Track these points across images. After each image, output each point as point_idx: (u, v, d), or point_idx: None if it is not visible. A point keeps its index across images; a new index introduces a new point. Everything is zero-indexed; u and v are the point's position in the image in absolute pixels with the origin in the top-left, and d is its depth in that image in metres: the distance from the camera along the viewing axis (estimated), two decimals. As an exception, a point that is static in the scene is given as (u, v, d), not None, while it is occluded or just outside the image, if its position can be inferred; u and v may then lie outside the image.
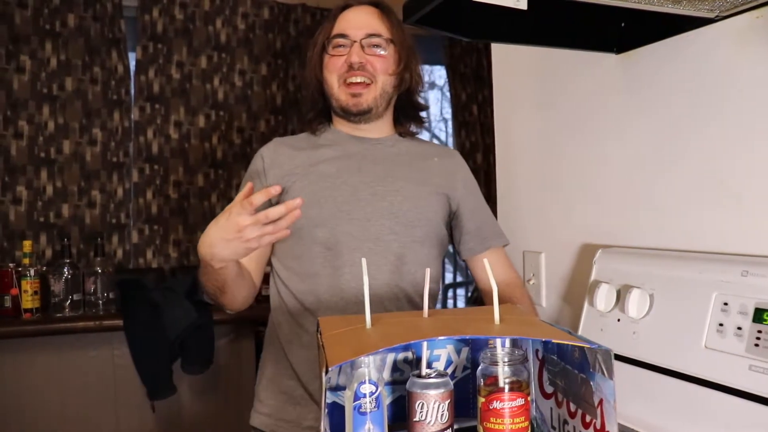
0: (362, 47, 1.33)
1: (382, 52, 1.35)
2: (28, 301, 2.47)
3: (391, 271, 1.31)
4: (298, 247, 1.32)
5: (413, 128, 1.48)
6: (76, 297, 2.54)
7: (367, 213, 1.31)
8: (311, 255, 1.31)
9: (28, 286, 2.47)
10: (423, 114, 1.48)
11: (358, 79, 1.33)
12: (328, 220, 1.30)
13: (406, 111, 1.45)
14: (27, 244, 2.58)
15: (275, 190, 1.06)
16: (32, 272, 2.49)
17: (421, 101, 1.46)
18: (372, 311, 0.87)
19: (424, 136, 1.59)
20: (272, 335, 1.39)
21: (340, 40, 1.35)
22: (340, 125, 1.42)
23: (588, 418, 0.83)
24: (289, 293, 1.34)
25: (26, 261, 2.53)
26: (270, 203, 1.25)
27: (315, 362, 1.28)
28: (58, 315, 2.49)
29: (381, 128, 1.42)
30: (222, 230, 1.07)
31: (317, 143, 1.41)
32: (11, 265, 2.53)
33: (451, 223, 1.44)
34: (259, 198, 1.02)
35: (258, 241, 1.06)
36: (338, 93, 1.35)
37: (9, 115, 2.91)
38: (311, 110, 1.44)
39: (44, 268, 2.64)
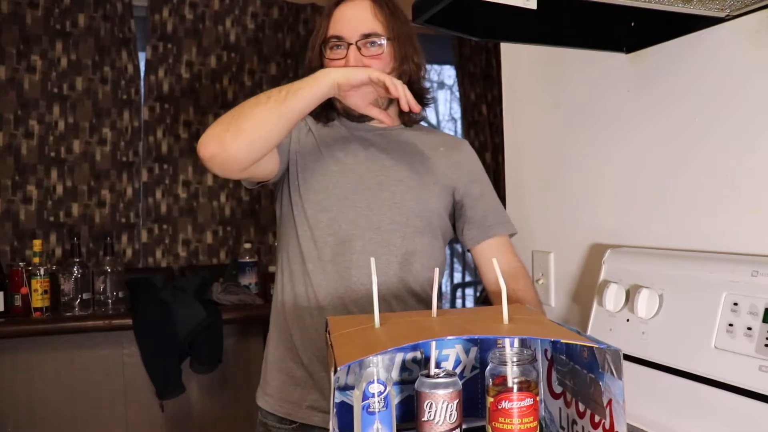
0: (359, 48, 1.31)
1: (380, 52, 1.33)
2: (38, 300, 2.48)
3: (391, 261, 1.32)
4: (302, 229, 1.34)
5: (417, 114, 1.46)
6: (85, 296, 2.56)
7: (370, 202, 1.33)
8: (313, 239, 1.33)
9: (38, 285, 2.49)
10: (427, 96, 1.45)
11: None
12: (334, 206, 1.32)
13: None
14: (37, 244, 2.60)
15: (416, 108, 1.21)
16: (42, 271, 2.50)
17: (424, 86, 1.43)
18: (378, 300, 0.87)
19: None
20: (278, 316, 1.40)
21: (336, 42, 1.33)
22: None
23: (597, 418, 0.83)
24: (291, 275, 1.36)
25: (36, 260, 2.54)
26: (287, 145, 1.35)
27: (315, 344, 1.31)
28: (68, 314, 2.51)
29: (386, 121, 1.40)
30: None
31: (327, 126, 1.42)
32: (21, 264, 2.54)
33: (455, 214, 1.44)
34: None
35: (372, 73, 1.17)
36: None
37: (20, 115, 2.93)
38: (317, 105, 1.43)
39: (54, 267, 2.66)
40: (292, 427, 1.34)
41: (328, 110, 1.41)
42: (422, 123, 1.52)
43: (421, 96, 1.43)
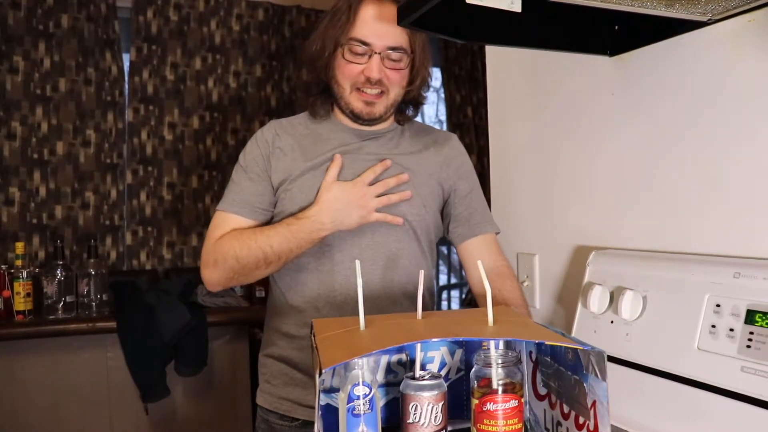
0: (382, 59, 1.29)
1: (401, 65, 1.31)
2: (21, 303, 2.46)
3: (387, 266, 1.33)
4: None
5: (411, 111, 1.46)
6: (69, 299, 2.54)
7: None
8: (309, 258, 1.33)
9: (21, 287, 2.46)
10: (423, 96, 1.45)
11: (374, 92, 1.31)
12: None
13: (407, 102, 1.43)
14: (20, 246, 2.57)
15: (405, 177, 1.32)
16: (25, 274, 2.47)
17: (426, 94, 1.44)
18: (368, 307, 0.87)
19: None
20: (273, 319, 1.40)
21: (360, 48, 1.28)
22: (342, 116, 1.40)
23: (581, 420, 0.83)
24: (288, 279, 1.36)
25: (19, 263, 2.52)
26: (271, 193, 1.35)
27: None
28: (51, 317, 2.49)
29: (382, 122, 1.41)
30: (349, 194, 1.26)
31: (317, 132, 1.39)
32: (3, 266, 2.52)
33: (443, 211, 1.44)
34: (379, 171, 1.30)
35: (370, 210, 1.27)
36: (350, 98, 1.33)
37: (2, 116, 2.90)
38: (314, 93, 1.40)
39: (37, 270, 2.63)
40: (295, 425, 1.34)
41: (324, 106, 1.41)
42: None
43: (419, 100, 1.44)
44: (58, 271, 2.52)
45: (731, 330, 0.92)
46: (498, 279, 1.35)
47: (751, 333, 0.89)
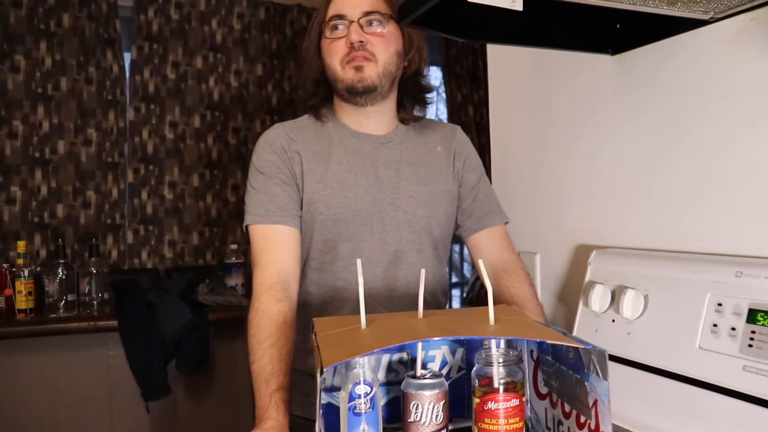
0: (361, 27, 1.27)
1: (382, 30, 1.29)
2: (22, 302, 2.46)
3: (412, 280, 1.31)
4: (322, 258, 1.31)
5: (417, 111, 1.42)
6: (70, 297, 2.54)
7: (386, 225, 1.31)
8: (334, 269, 1.31)
9: (23, 286, 2.46)
10: (429, 96, 1.43)
11: (360, 60, 1.28)
12: (355, 236, 1.29)
13: (412, 94, 1.40)
14: (21, 245, 2.58)
15: None
16: (26, 273, 2.48)
17: (427, 83, 1.41)
18: (371, 307, 0.87)
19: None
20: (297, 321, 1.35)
21: (338, 22, 1.29)
22: (345, 117, 1.37)
23: (582, 419, 0.83)
24: (305, 302, 1.33)
25: (20, 261, 2.52)
26: (299, 199, 1.29)
27: None
28: (53, 316, 2.49)
29: (385, 118, 1.37)
30: None
31: (327, 134, 1.36)
32: (5, 265, 2.52)
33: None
34: None
35: None
36: (342, 74, 1.29)
37: (3, 115, 2.90)
38: (313, 96, 1.38)
39: (38, 269, 2.63)
40: None
41: (323, 101, 1.38)
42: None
43: (426, 91, 1.41)
44: (60, 270, 2.52)
45: (733, 329, 0.92)
46: (505, 275, 1.33)
47: (753, 332, 0.89)
